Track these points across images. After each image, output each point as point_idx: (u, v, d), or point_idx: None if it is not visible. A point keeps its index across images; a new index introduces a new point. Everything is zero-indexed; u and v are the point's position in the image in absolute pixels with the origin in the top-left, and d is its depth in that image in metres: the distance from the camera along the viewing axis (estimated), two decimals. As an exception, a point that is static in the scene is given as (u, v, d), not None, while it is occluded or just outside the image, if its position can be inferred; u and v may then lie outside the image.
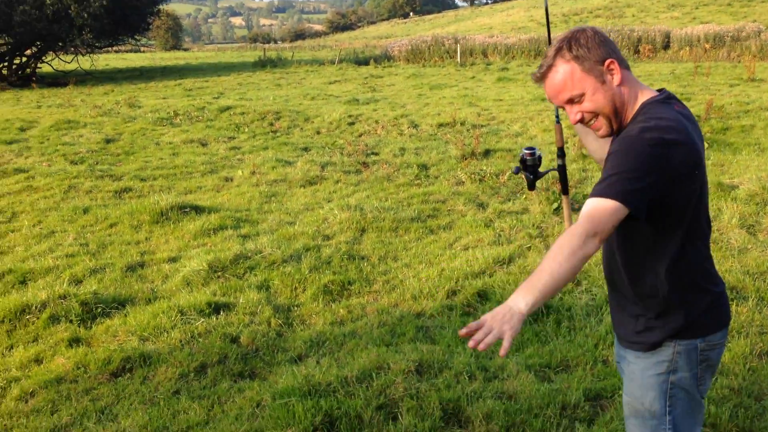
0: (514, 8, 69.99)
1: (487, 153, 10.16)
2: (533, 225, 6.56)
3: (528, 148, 2.77)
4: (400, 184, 8.51)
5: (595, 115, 2.05)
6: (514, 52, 31.80)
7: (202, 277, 5.30)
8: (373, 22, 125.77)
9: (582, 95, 2.03)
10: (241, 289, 5.06)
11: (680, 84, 17.70)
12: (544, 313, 4.45)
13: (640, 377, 2.13)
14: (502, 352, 1.72)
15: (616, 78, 2.04)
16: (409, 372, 3.74)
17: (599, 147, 2.30)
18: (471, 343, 1.71)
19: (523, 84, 20.38)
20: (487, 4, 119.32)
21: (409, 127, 13.21)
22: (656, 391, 2.11)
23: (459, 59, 30.69)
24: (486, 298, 4.79)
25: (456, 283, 5.05)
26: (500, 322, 1.73)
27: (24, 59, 31.61)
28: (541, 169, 2.80)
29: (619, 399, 3.47)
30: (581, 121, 2.06)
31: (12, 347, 4.32)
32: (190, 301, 4.71)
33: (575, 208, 7.11)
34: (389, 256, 5.81)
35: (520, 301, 1.78)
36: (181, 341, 4.24)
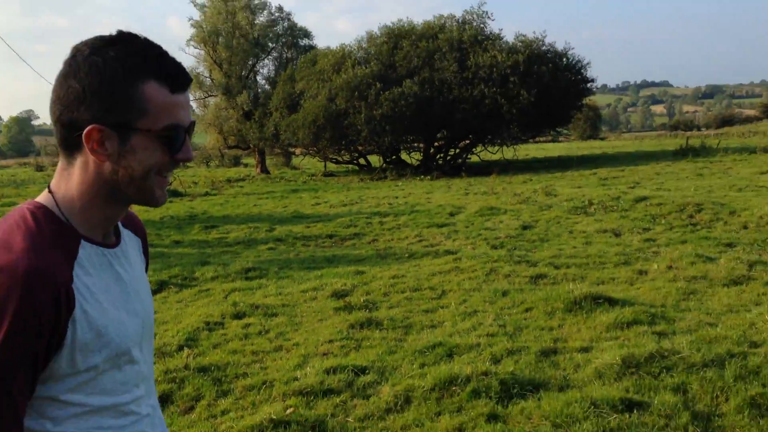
0: None
1: None
2: None
3: None
4: None
5: None
6: None
7: (615, 372, 5.26)
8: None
9: None
10: (655, 389, 4.90)
11: None
12: None
13: None
14: None
15: None
16: None
17: None
18: None
19: None
20: None
21: None
22: None
23: None
24: None
25: None
26: None
27: (457, 151, 35.43)
28: None
29: None
30: None
31: (440, 413, 4.82)
32: (602, 394, 4.72)
33: None
34: (833, 375, 5.08)
35: None
36: (592, 434, 4.27)
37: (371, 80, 30.05)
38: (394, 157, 35.33)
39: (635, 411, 4.55)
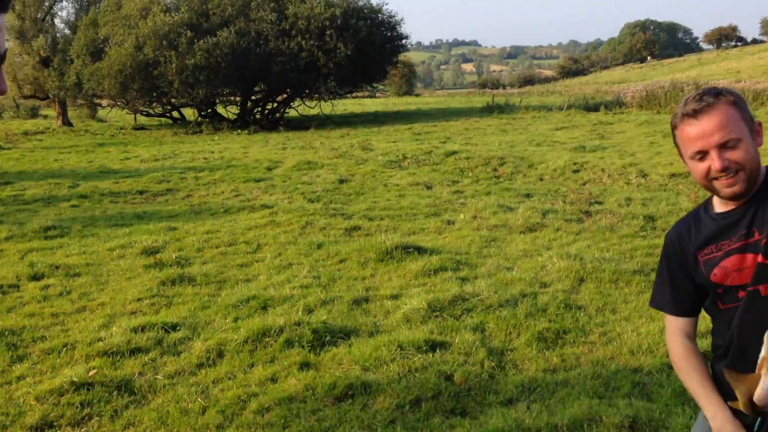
0: (767, 51, 64.76)
1: (723, 206, 9.54)
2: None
3: None
4: (623, 235, 8.26)
5: (739, 168, 1.92)
6: (764, 98, 29.41)
7: (421, 316, 5.56)
8: (606, 67, 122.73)
9: (739, 141, 1.91)
10: (457, 330, 5.24)
11: None
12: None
13: None
14: None
15: (760, 140, 1.97)
16: (622, 427, 3.66)
17: None
18: None
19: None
20: (736, 46, 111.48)
21: (637, 177, 12.77)
22: None
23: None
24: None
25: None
26: None
27: (275, 105, 35.02)
28: None
29: None
30: (725, 170, 1.92)
31: (253, 365, 4.84)
32: (409, 337, 4.98)
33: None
34: (607, 308, 5.69)
35: None
36: (398, 374, 4.50)
37: (181, 28, 28.67)
38: (209, 110, 34.25)
39: (438, 350, 4.85)
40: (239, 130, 30.20)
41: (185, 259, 7.93)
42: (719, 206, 2.09)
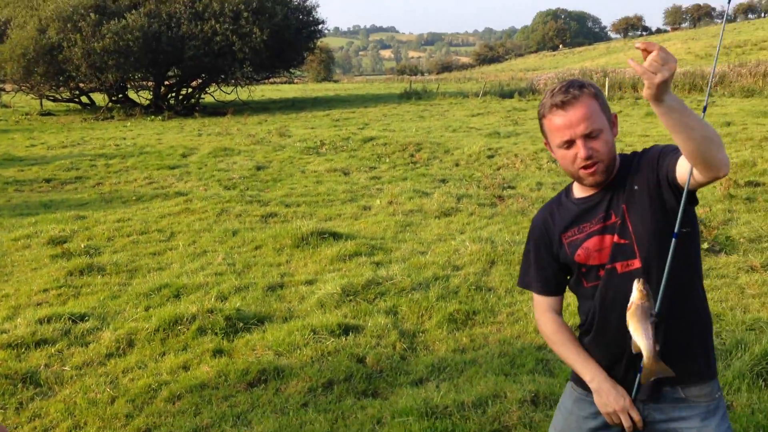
0: (671, 40, 67.54)
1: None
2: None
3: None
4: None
5: (600, 159, 2.06)
6: (666, 86, 30.70)
7: (335, 300, 5.61)
8: (520, 55, 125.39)
9: (601, 132, 2.05)
10: (370, 313, 5.32)
11: None
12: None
13: None
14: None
15: (616, 130, 2.12)
16: (524, 402, 3.82)
17: None
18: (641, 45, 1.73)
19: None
20: (641, 35, 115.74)
21: (548, 162, 13.15)
22: None
23: (607, 93, 30.03)
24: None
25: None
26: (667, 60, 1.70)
27: (190, 90, 34.24)
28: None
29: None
30: (589, 158, 2.05)
31: (164, 354, 4.79)
32: (322, 322, 5.02)
33: (716, 250, 6.86)
34: (516, 289, 5.88)
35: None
36: (311, 358, 4.54)
37: (85, 11, 27.58)
38: (120, 95, 33.19)
39: (351, 334, 4.92)
40: (153, 116, 29.39)
41: (95, 248, 7.72)
42: (579, 192, 2.22)
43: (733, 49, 49.46)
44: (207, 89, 34.32)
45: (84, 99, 34.77)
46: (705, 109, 2.08)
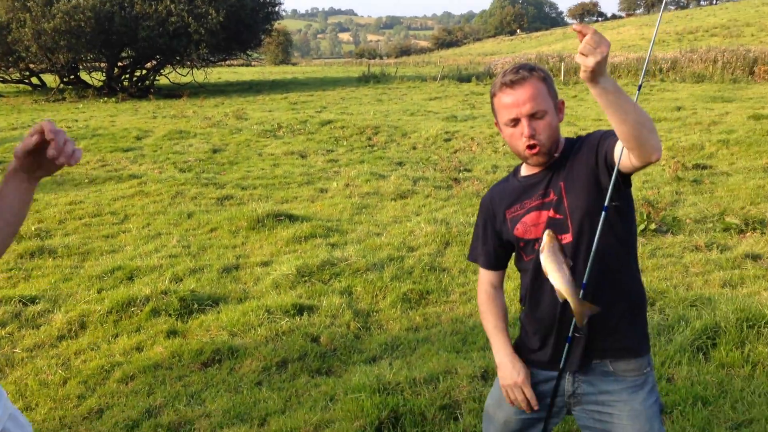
0: (626, 26, 68.48)
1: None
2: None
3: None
4: (488, 201, 8.63)
5: (543, 140, 2.14)
6: (621, 71, 31.21)
7: (290, 281, 5.64)
8: (478, 39, 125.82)
9: (545, 113, 2.13)
10: (325, 294, 5.36)
11: (794, 106, 16.95)
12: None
13: (648, 411, 2.18)
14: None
15: (561, 115, 2.21)
16: (474, 377, 3.91)
17: None
18: (577, 27, 1.78)
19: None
20: (597, 21, 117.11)
21: (504, 145, 13.29)
22: (658, 417, 2.21)
23: (563, 78, 30.39)
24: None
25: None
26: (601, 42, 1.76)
27: (144, 72, 33.61)
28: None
29: (678, 413, 3.52)
30: (532, 137, 2.13)
31: (117, 335, 4.77)
32: (277, 302, 5.05)
33: (663, 230, 7.06)
34: (469, 269, 5.97)
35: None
36: (266, 338, 4.57)
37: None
38: (72, 77, 32.42)
39: (306, 314, 4.95)
40: (106, 98, 28.81)
41: (45, 231, 7.61)
42: (525, 171, 2.32)
43: (686, 35, 50.34)
44: (162, 71, 33.71)
45: (34, 80, 33.90)
46: (640, 87, 2.16)
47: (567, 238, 2.16)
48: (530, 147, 2.15)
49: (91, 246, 7.02)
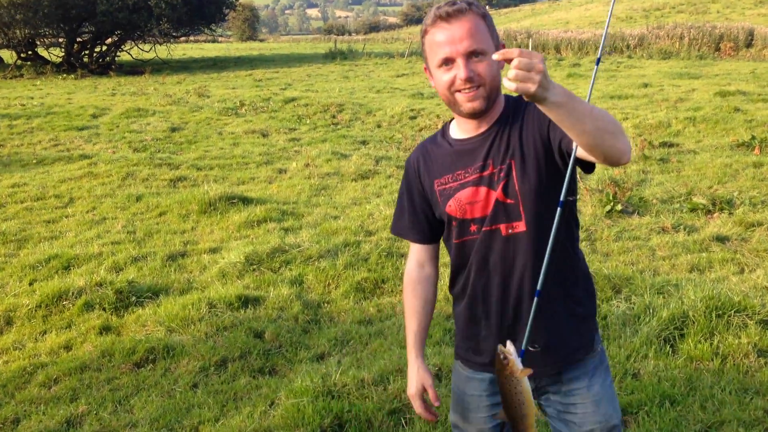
0: (593, 2, 68.36)
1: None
2: (582, 228, 6.32)
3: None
4: (451, 181, 8.35)
5: (481, 83, 1.84)
6: (588, 48, 31.05)
7: (238, 270, 5.30)
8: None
9: (484, 54, 1.82)
10: (274, 283, 5.04)
11: (760, 84, 16.89)
12: (579, 322, 4.27)
13: (608, 392, 2.03)
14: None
15: (502, 63, 1.88)
16: (427, 377, 3.63)
17: None
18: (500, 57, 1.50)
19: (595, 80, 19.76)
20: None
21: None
22: (615, 394, 2.08)
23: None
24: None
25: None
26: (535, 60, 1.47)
27: (105, 48, 32.68)
28: None
29: (645, 414, 3.28)
30: (470, 80, 1.82)
31: (45, 332, 4.41)
32: (221, 294, 4.71)
33: (629, 212, 6.84)
34: (429, 255, 5.69)
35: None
36: (206, 334, 4.24)
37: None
38: (29, 52, 31.40)
39: (251, 307, 4.63)
40: (65, 75, 27.94)
41: (-17, 216, 7.17)
42: (458, 132, 2.00)
43: (653, 11, 50.29)
44: (123, 47, 32.81)
45: (-10, 56, 32.81)
46: (598, 62, 1.89)
47: (519, 226, 1.89)
48: (464, 91, 1.83)
49: (30, 232, 6.61)
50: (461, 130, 1.97)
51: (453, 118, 2.03)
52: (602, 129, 1.59)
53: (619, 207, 6.88)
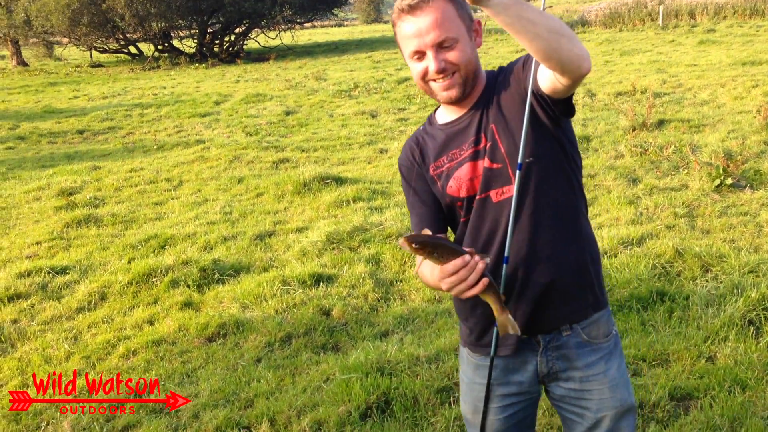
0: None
1: (660, 123, 9.36)
2: (683, 203, 5.94)
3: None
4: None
5: (455, 70, 1.76)
6: (726, 12, 28.97)
7: (318, 249, 5.39)
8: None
9: (456, 41, 1.74)
10: (350, 262, 5.09)
11: None
12: (656, 300, 4.02)
13: (623, 376, 1.97)
14: None
15: (479, 40, 1.82)
16: (481, 357, 3.56)
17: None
18: None
19: (728, 47, 18.47)
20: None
21: (584, 97, 12.54)
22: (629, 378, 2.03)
23: (661, 22, 28.52)
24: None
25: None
26: None
27: (233, 37, 34.03)
28: None
29: (710, 399, 3.06)
30: (442, 71, 1.75)
31: (134, 308, 4.68)
32: (295, 272, 4.81)
33: (741, 185, 6.36)
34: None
35: None
36: (276, 310, 4.35)
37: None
38: (166, 44, 33.21)
39: (323, 284, 4.70)
40: (197, 65, 29.37)
41: (100, 199, 7.69)
42: (444, 116, 1.94)
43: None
44: (250, 35, 34.03)
45: (132, 49, 34.97)
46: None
47: (510, 191, 1.80)
48: (438, 81, 1.79)
49: (138, 214, 7.02)
50: (448, 113, 1.92)
51: (439, 106, 1.97)
52: (555, 30, 1.51)
53: (729, 181, 6.40)
